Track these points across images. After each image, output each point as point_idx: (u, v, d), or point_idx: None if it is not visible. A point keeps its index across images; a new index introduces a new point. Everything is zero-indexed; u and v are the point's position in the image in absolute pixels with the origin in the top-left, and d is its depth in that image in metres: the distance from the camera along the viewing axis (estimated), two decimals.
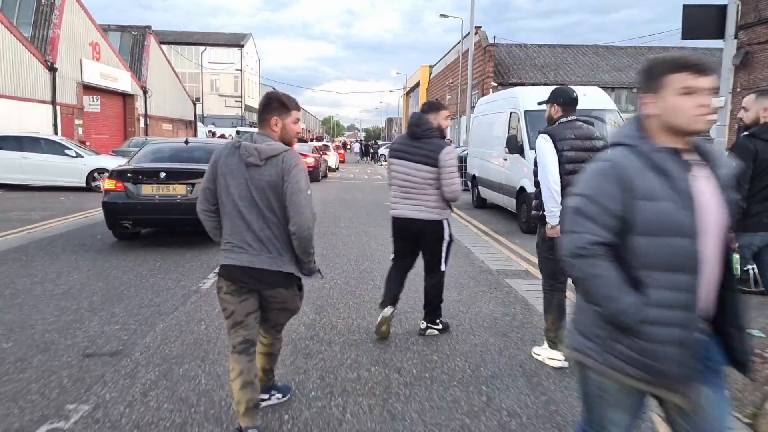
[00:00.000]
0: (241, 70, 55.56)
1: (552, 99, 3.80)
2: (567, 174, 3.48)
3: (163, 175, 7.17)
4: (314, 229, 2.67)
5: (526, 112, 9.61)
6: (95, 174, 14.67)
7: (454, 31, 44.82)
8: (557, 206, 3.49)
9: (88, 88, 23.50)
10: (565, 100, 3.73)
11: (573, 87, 4.09)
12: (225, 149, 2.70)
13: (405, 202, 4.05)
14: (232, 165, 2.62)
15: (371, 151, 48.76)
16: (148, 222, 7.59)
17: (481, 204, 12.86)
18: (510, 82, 29.03)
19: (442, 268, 4.17)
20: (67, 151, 14.51)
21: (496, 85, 29.69)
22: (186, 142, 8.31)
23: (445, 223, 4.07)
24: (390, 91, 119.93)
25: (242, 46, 56.04)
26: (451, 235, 4.13)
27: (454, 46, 40.59)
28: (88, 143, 22.27)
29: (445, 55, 45.08)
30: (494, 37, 33.15)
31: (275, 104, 2.70)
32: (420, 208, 3.99)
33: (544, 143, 3.60)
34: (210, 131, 30.04)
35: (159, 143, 9.07)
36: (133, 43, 30.53)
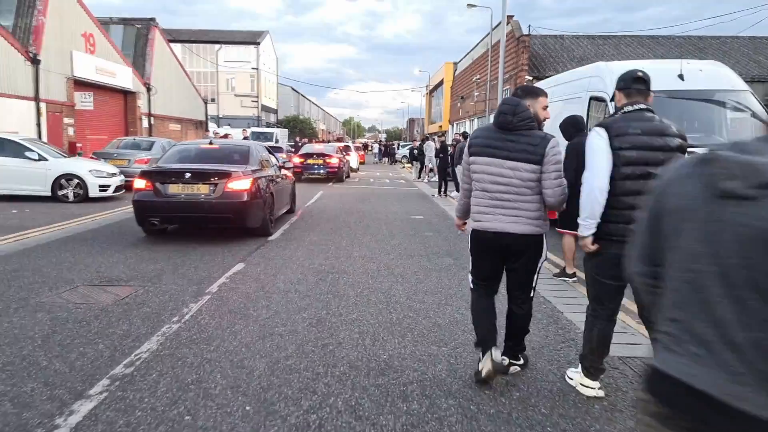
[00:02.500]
0: (257, 69, 53.38)
1: (615, 86, 3.14)
2: (623, 179, 2.90)
3: (188, 175, 7.63)
4: None
5: None
6: (62, 181, 12.21)
7: (477, 30, 42.39)
8: (594, 219, 2.98)
9: (81, 84, 21.22)
10: (625, 82, 3.06)
11: (686, 61, 2.59)
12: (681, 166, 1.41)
13: (497, 212, 3.23)
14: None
15: (390, 152, 46.34)
16: (174, 219, 7.99)
17: None
18: (546, 76, 26.20)
19: (532, 293, 3.44)
20: (28, 153, 12.08)
21: (531, 78, 26.84)
22: (210, 143, 9.15)
23: (545, 237, 3.33)
24: (412, 90, 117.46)
25: (259, 44, 53.93)
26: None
27: (483, 38, 38.06)
28: (79, 144, 20.04)
29: (472, 50, 42.60)
30: (529, 26, 30.27)
31: None
32: (518, 220, 3.19)
33: (596, 139, 2.98)
34: (215, 132, 27.67)
35: (185, 144, 9.88)
36: (137, 36, 28.33)
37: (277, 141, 35.49)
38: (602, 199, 2.92)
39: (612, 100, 6.70)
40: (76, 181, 12.30)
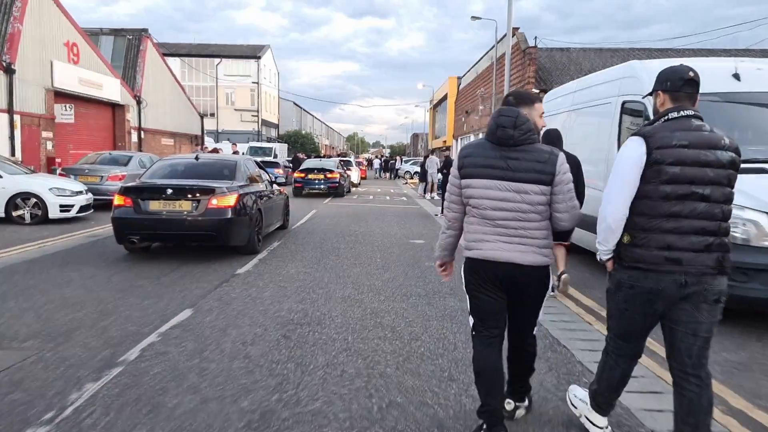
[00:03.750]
0: (257, 83, 52.40)
1: (656, 85, 2.66)
2: (662, 199, 2.46)
3: (169, 191, 7.36)
4: None
5: None
6: (18, 200, 10.86)
7: (481, 47, 41.55)
8: (609, 245, 2.63)
9: (63, 96, 20.02)
10: (672, 83, 2.59)
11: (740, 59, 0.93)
12: None
13: (500, 240, 2.70)
14: None
15: (391, 167, 45.22)
16: (155, 237, 7.76)
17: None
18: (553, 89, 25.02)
19: (535, 330, 2.99)
20: None
21: (538, 91, 25.59)
22: (196, 158, 8.71)
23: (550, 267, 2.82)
24: (415, 105, 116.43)
25: (259, 57, 52.98)
26: None
27: (487, 51, 37.03)
28: (58, 160, 18.76)
29: (476, 64, 41.56)
30: (535, 37, 29.12)
31: None
32: (526, 249, 2.69)
33: (631, 151, 2.52)
34: (204, 147, 26.46)
35: (170, 159, 9.26)
36: (128, 47, 27.24)
37: (275, 156, 34.37)
38: (617, 228, 2.57)
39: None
40: (33, 200, 10.95)
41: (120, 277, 6.48)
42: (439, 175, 15.45)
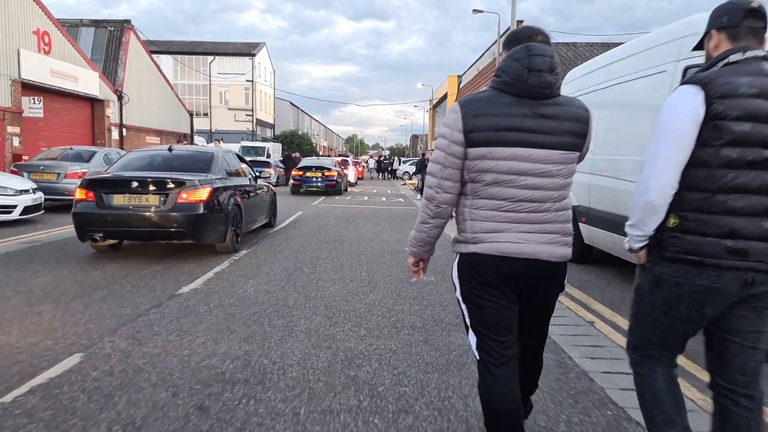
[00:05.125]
0: (252, 81, 50.86)
1: (709, 24, 2.07)
2: (724, 167, 1.87)
3: (135, 184, 6.79)
4: None
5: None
6: None
7: (482, 49, 40.26)
8: (644, 232, 2.02)
9: (32, 88, 18.47)
10: (731, 17, 1.99)
11: None
12: None
13: (523, 229, 2.02)
14: None
15: (387, 167, 43.68)
16: (120, 234, 7.09)
17: (583, 255, 6.93)
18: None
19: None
20: None
21: None
22: (170, 149, 8.15)
23: None
24: (414, 105, 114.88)
25: (254, 55, 51.47)
26: None
27: (489, 47, 35.64)
28: (26, 157, 17.18)
29: (477, 61, 40.25)
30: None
31: None
32: (555, 239, 2.05)
33: (682, 100, 1.91)
34: (182, 143, 24.96)
35: (141, 151, 8.60)
36: (109, 39, 25.70)
37: (268, 156, 32.85)
38: (661, 207, 1.93)
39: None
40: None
41: (23, 298, 4.91)
42: None
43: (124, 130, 25.04)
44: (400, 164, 44.02)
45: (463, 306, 2.14)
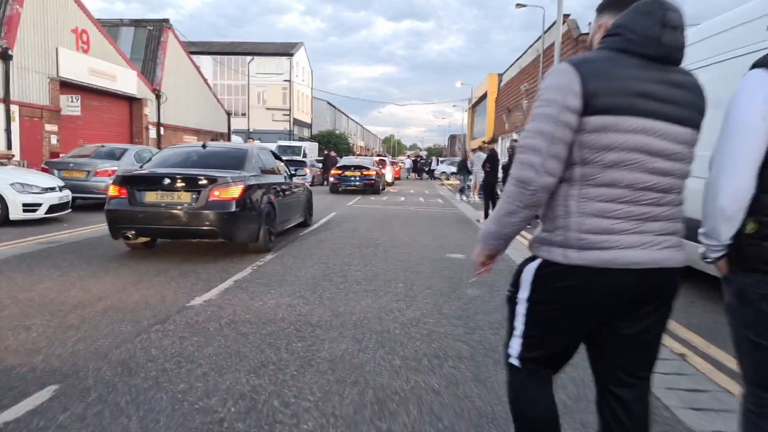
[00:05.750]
0: (290, 81, 50.85)
1: None
2: None
3: (167, 181, 6.63)
4: None
5: None
6: None
7: (522, 49, 38.99)
8: (721, 238, 1.70)
9: (70, 86, 18.50)
10: None
11: None
12: None
13: (642, 228, 1.62)
14: None
15: (423, 167, 42.80)
16: (152, 232, 6.87)
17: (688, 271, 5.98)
18: None
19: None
20: None
21: None
22: (204, 146, 7.98)
23: None
24: (453, 105, 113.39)
25: (292, 55, 51.47)
26: None
27: (533, 44, 34.51)
28: (63, 155, 17.18)
29: (519, 58, 39.02)
30: (589, 23, 26.32)
31: None
32: (677, 242, 1.70)
33: (755, 86, 1.65)
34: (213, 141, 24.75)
35: (176, 148, 8.64)
36: (148, 39, 25.79)
37: (305, 155, 32.53)
38: (735, 213, 1.65)
39: None
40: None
41: (19, 307, 4.37)
42: (482, 173, 12.98)
43: (161, 129, 25.07)
44: (437, 164, 43.10)
45: (522, 316, 1.75)
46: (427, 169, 42.75)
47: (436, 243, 8.69)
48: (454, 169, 34.32)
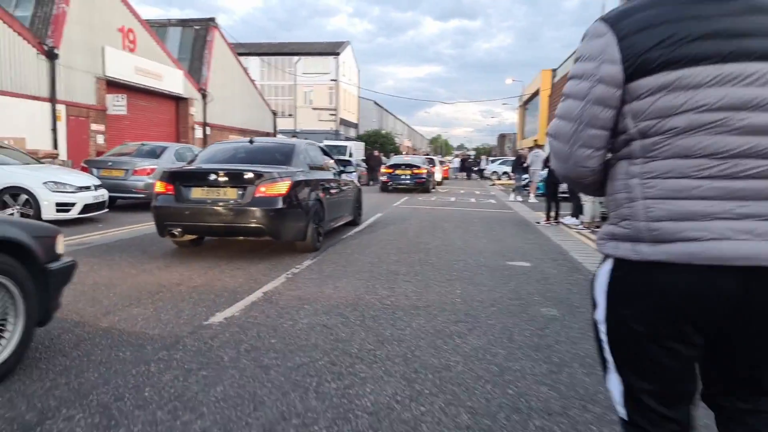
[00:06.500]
0: (336, 81, 50.52)
1: None
2: None
3: (212, 177, 6.43)
4: None
5: None
6: (6, 197, 8.69)
7: (574, 45, 37.12)
8: None
9: (116, 86, 18.45)
10: None
11: None
12: None
13: (742, 210, 1.19)
14: None
15: (471, 166, 41.41)
16: (198, 229, 6.62)
17: None
18: None
19: None
20: None
21: None
22: (251, 141, 7.86)
23: None
24: (503, 103, 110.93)
25: (338, 54, 51.11)
26: None
27: None
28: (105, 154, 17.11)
29: (574, 53, 36.95)
30: None
31: None
32: None
33: None
34: None
35: (224, 144, 8.49)
36: (195, 38, 25.74)
37: (350, 155, 31.98)
38: None
39: None
40: (24, 197, 8.74)
41: None
42: (543, 172, 11.84)
43: (207, 128, 24.96)
44: (488, 164, 41.71)
45: (606, 346, 1.36)
46: (475, 168, 41.41)
47: (493, 248, 7.70)
48: (506, 168, 33.02)
